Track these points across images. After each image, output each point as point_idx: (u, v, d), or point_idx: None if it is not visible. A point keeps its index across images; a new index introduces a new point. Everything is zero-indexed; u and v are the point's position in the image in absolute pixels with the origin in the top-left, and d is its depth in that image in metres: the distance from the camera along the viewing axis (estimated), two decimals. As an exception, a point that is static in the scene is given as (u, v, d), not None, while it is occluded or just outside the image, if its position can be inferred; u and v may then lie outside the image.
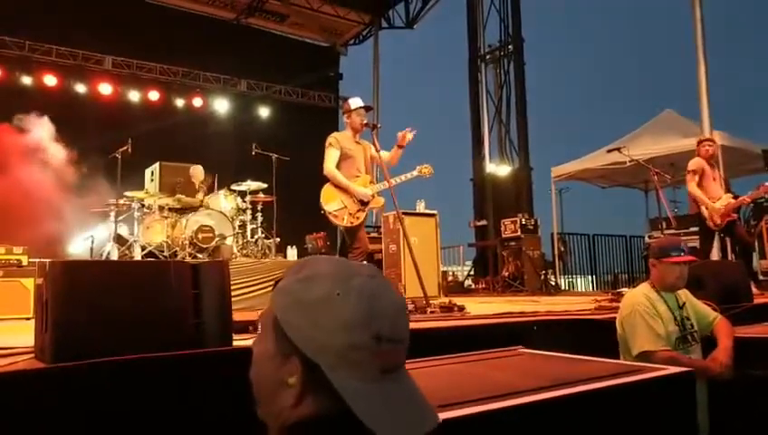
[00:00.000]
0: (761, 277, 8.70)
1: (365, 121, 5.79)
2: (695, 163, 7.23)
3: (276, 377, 0.94)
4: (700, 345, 3.57)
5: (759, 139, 11.81)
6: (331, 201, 5.53)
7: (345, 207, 5.51)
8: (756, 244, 9.85)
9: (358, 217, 5.56)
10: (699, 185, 7.12)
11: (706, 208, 7.03)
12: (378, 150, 5.73)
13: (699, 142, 7.38)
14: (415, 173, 5.85)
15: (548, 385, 1.86)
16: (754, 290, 6.17)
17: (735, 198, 7.14)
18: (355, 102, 5.85)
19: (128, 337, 2.50)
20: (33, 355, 2.73)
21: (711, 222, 7.02)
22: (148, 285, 2.72)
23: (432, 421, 0.92)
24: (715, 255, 7.92)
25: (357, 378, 0.88)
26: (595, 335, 4.10)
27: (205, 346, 2.73)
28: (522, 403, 1.68)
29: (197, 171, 9.66)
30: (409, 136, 5.83)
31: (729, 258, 8.17)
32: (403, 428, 0.88)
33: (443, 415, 1.51)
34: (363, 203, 5.56)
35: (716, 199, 7.07)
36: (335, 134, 5.82)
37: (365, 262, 5.82)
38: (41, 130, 10.91)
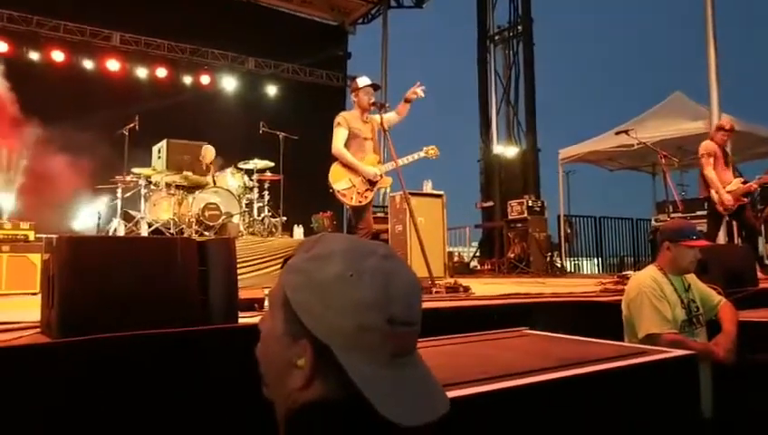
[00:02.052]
0: (767, 262, 8.66)
1: (372, 101, 5.77)
2: (708, 147, 7.18)
3: (285, 357, 0.92)
4: (705, 328, 3.58)
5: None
6: (339, 180, 5.54)
7: (353, 186, 5.51)
8: (762, 228, 9.81)
9: (366, 197, 5.57)
10: (713, 169, 7.08)
11: (717, 192, 7.00)
12: (385, 130, 5.69)
13: (719, 128, 7.30)
14: (422, 154, 5.87)
15: (551, 366, 1.86)
16: (760, 274, 6.15)
17: (745, 182, 7.11)
18: (363, 81, 5.82)
19: (133, 313, 2.52)
20: (39, 330, 2.75)
21: (721, 206, 6.99)
22: (154, 262, 2.73)
23: (444, 407, 0.90)
24: (721, 238, 7.89)
25: (368, 361, 0.86)
26: (600, 317, 4.10)
27: (210, 323, 2.75)
28: (524, 384, 1.69)
29: (208, 151, 9.64)
30: (419, 91, 5.81)
31: (735, 242, 8.15)
32: (414, 413, 0.85)
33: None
34: (371, 182, 5.57)
35: (727, 184, 7.04)
36: (343, 113, 5.81)
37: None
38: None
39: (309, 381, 0.90)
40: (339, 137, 5.60)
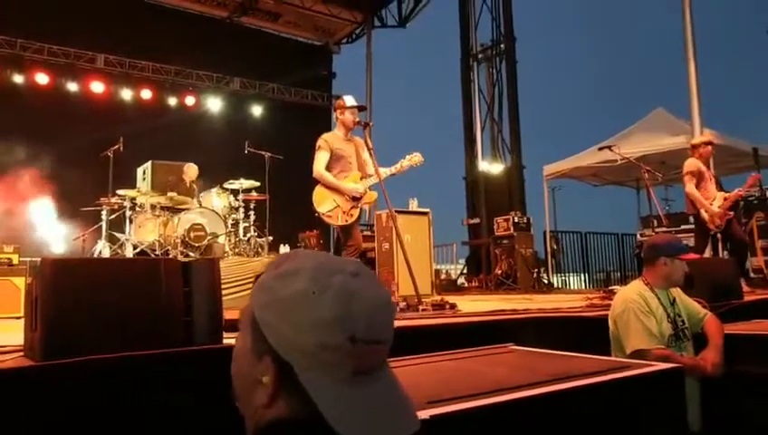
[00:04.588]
0: (752, 275, 8.73)
1: (357, 120, 5.78)
2: (691, 165, 7.16)
3: (252, 375, 0.92)
4: (692, 342, 3.59)
5: (750, 137, 11.87)
6: (323, 202, 5.53)
7: (338, 206, 5.50)
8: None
9: (352, 215, 5.55)
10: (697, 186, 7.08)
11: (706, 211, 7.00)
12: (370, 148, 5.68)
13: (698, 145, 7.29)
14: (405, 163, 5.72)
15: (537, 381, 1.86)
16: (745, 288, 6.20)
17: (727, 194, 7.12)
18: (349, 100, 5.82)
19: (117, 335, 2.49)
20: (22, 353, 2.72)
21: (712, 224, 6.99)
22: (138, 283, 2.71)
23: (412, 425, 0.89)
24: (706, 252, 7.94)
25: (329, 379, 0.86)
26: (586, 333, 4.11)
27: (195, 344, 2.72)
28: (511, 399, 1.68)
29: (191, 170, 9.63)
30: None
31: (720, 256, 8.20)
32: (374, 431, 0.85)
33: (432, 411, 1.51)
34: (355, 199, 5.55)
35: (712, 199, 7.04)
36: (325, 136, 5.78)
37: (355, 258, 5.80)
38: None
39: (272, 398, 0.90)
40: (320, 160, 5.59)
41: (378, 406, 0.87)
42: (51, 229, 10.55)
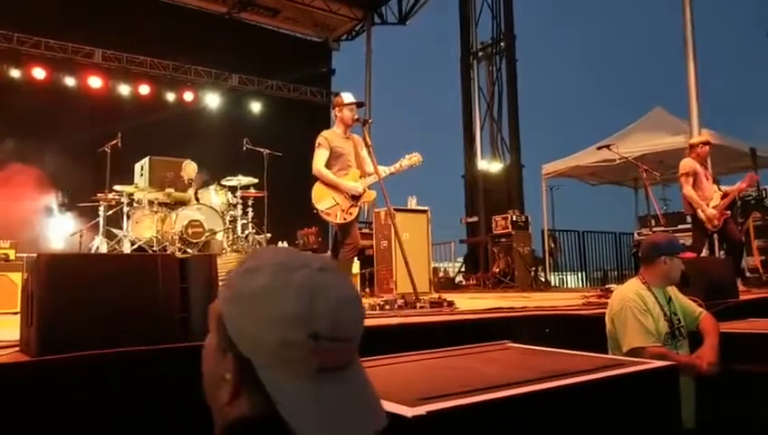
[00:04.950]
0: (747, 274, 8.75)
1: (356, 117, 5.77)
2: (687, 165, 7.15)
3: (217, 372, 0.91)
4: (687, 341, 3.60)
5: (748, 138, 11.88)
6: (322, 200, 5.52)
7: (337, 204, 5.50)
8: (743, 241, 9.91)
9: (351, 213, 5.55)
10: (693, 186, 7.07)
11: (702, 212, 7.00)
12: (369, 146, 5.69)
13: (696, 145, 7.28)
14: (404, 162, 5.76)
15: (533, 378, 1.87)
16: (741, 287, 6.21)
17: (724, 195, 7.13)
18: (347, 97, 5.81)
19: (114, 331, 2.50)
20: (18, 349, 2.72)
21: (710, 224, 6.98)
22: (134, 279, 2.71)
23: (378, 422, 0.87)
24: (703, 251, 7.96)
25: (289, 376, 0.83)
26: (583, 331, 4.12)
27: (191, 340, 2.72)
28: (506, 396, 1.69)
29: (190, 167, 9.61)
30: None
31: (717, 255, 8.22)
32: (334, 430, 0.83)
33: (427, 407, 1.51)
34: (355, 198, 5.55)
35: (709, 199, 7.03)
36: (324, 133, 5.79)
37: (353, 256, 5.80)
38: None
39: (233, 396, 0.88)
40: (320, 157, 5.59)
41: (341, 405, 0.85)
42: (48, 225, 10.53)
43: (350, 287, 0.91)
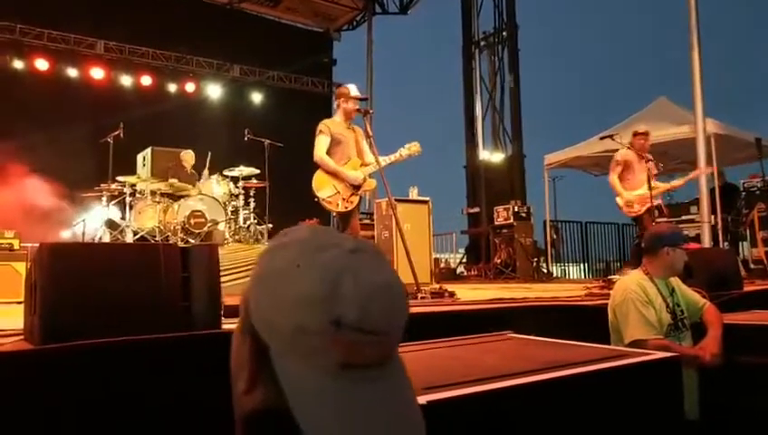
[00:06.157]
0: (752, 266, 8.74)
1: (357, 107, 5.78)
2: (620, 155, 7.18)
3: (237, 358, 0.84)
4: (690, 332, 3.60)
5: (754, 128, 11.84)
6: (323, 188, 5.52)
7: (338, 192, 5.50)
8: (747, 232, 9.92)
9: (351, 202, 5.56)
10: (623, 175, 7.05)
11: (620, 197, 6.99)
12: (370, 136, 5.70)
13: (634, 134, 7.27)
14: (404, 151, 5.73)
15: (534, 369, 1.86)
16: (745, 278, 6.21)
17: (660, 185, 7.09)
18: (353, 90, 5.82)
19: (116, 319, 2.50)
20: (22, 337, 2.73)
21: (627, 208, 6.96)
22: (136, 268, 2.71)
23: None
24: (706, 242, 7.96)
25: (306, 370, 0.74)
26: (584, 321, 4.12)
27: (193, 329, 2.73)
28: (507, 386, 1.69)
29: (188, 156, 9.64)
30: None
31: (720, 246, 8.22)
32: None
33: (428, 397, 1.51)
34: (355, 187, 5.56)
35: (636, 189, 6.99)
36: (326, 121, 5.79)
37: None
38: None
39: (250, 385, 0.81)
40: (321, 144, 5.59)
41: (367, 410, 0.74)
42: (51, 215, 10.54)
43: (388, 273, 0.80)
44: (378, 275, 0.78)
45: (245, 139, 9.90)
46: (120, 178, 8.87)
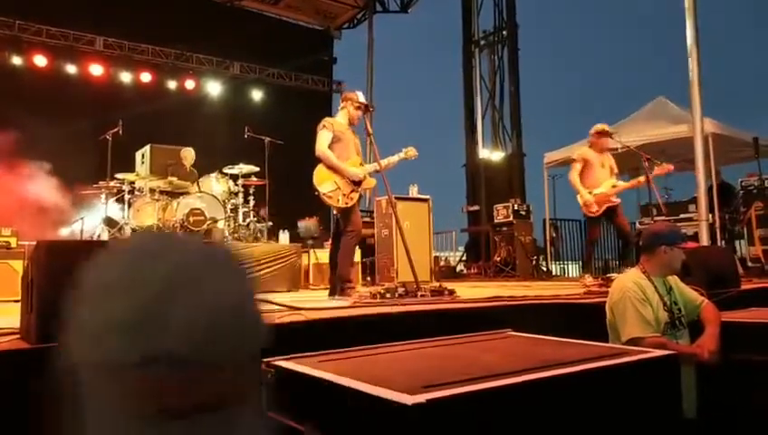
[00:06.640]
0: (749, 264, 8.74)
1: (360, 114, 5.84)
2: (579, 153, 7.26)
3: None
4: (687, 330, 3.60)
5: (752, 127, 11.83)
6: (324, 182, 5.53)
7: (338, 187, 5.51)
8: (745, 230, 9.92)
9: (351, 198, 5.57)
10: (582, 173, 7.09)
11: (580, 197, 7.03)
12: (370, 133, 5.74)
13: (594, 133, 7.26)
14: (401, 155, 5.88)
15: (534, 367, 1.86)
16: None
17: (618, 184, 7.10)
18: (361, 97, 5.90)
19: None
20: (18, 336, 2.72)
21: (586, 209, 7.00)
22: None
23: None
24: (704, 240, 7.95)
25: (118, 417, 0.60)
26: (584, 319, 4.12)
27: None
28: (506, 384, 1.68)
29: (188, 153, 9.62)
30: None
31: (718, 245, 8.22)
32: None
33: (428, 395, 1.51)
34: (356, 183, 5.58)
35: (596, 187, 7.02)
36: (328, 118, 5.82)
37: (355, 243, 5.81)
38: None
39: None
40: (323, 139, 5.60)
41: None
42: (49, 212, 10.53)
43: (235, 290, 0.66)
44: (217, 295, 0.63)
45: (245, 136, 9.89)
46: (118, 176, 8.86)
